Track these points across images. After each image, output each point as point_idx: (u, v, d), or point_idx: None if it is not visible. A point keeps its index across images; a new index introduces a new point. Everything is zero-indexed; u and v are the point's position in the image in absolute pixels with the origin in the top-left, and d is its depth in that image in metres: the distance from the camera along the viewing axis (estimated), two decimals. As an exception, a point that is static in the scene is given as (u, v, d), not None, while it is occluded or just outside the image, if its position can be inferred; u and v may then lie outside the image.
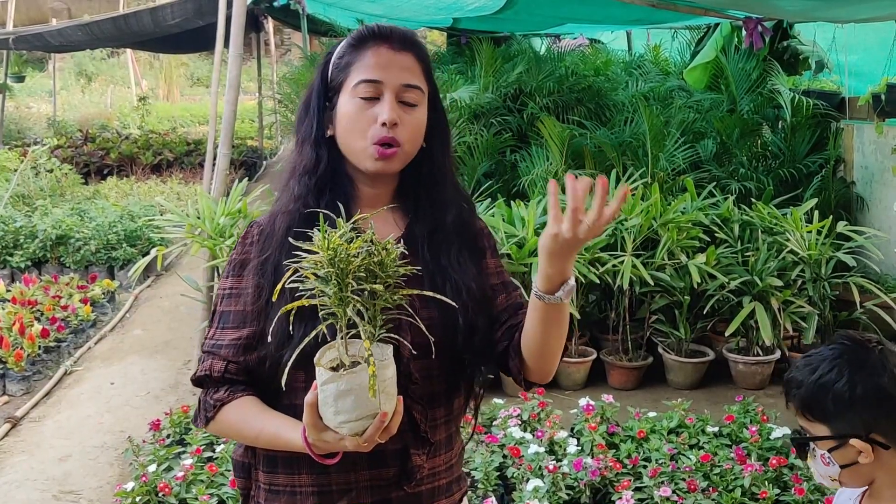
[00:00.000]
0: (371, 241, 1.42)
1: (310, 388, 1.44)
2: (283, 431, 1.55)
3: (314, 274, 1.40)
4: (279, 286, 1.44)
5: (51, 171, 10.59)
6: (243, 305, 1.63)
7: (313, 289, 1.40)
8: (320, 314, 1.41)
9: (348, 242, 1.40)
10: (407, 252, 1.52)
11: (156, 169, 12.61)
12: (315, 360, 1.43)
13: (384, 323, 1.43)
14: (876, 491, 1.67)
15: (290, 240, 1.51)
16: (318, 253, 1.40)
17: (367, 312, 1.40)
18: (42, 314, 6.37)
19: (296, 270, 1.42)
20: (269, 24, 14.47)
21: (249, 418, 1.60)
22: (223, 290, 1.67)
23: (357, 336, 1.41)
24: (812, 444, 1.66)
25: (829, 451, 1.63)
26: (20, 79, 15.16)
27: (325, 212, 1.48)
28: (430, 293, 1.50)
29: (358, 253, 1.39)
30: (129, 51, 19.62)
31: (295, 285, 1.42)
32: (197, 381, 1.66)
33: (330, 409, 1.42)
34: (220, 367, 1.62)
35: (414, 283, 1.50)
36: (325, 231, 1.41)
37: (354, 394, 1.39)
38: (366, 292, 1.40)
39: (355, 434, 1.43)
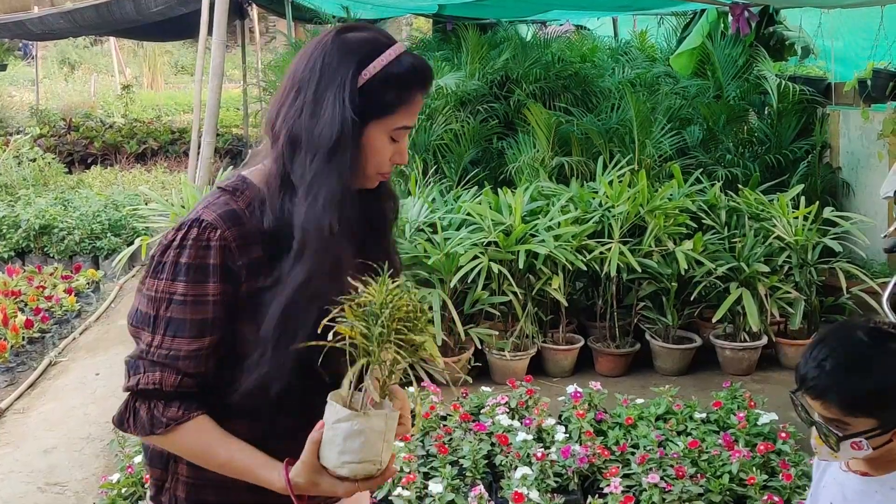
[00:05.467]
0: (415, 298, 1.50)
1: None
2: (256, 468, 1.55)
3: (362, 313, 1.45)
4: (324, 321, 1.45)
5: (34, 160, 10.51)
6: (206, 313, 1.54)
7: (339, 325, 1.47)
8: (351, 352, 1.45)
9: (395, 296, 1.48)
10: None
11: (140, 158, 12.55)
12: (329, 398, 1.48)
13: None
14: (884, 458, 1.70)
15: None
16: (364, 296, 1.46)
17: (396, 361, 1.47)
18: (26, 305, 6.32)
19: (350, 307, 1.45)
20: (254, 12, 14.33)
21: (213, 445, 1.56)
22: (170, 294, 1.54)
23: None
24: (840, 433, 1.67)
25: (869, 438, 1.64)
26: (2, 67, 15.02)
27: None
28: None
29: (402, 307, 1.46)
30: (112, 39, 19.44)
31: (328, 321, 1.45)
32: (140, 392, 1.55)
33: (335, 449, 1.46)
34: (173, 381, 1.54)
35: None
36: (385, 282, 1.47)
37: (365, 436, 1.45)
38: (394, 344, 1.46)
39: (354, 476, 1.47)
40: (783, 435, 3.79)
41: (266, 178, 1.60)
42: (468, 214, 5.27)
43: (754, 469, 3.51)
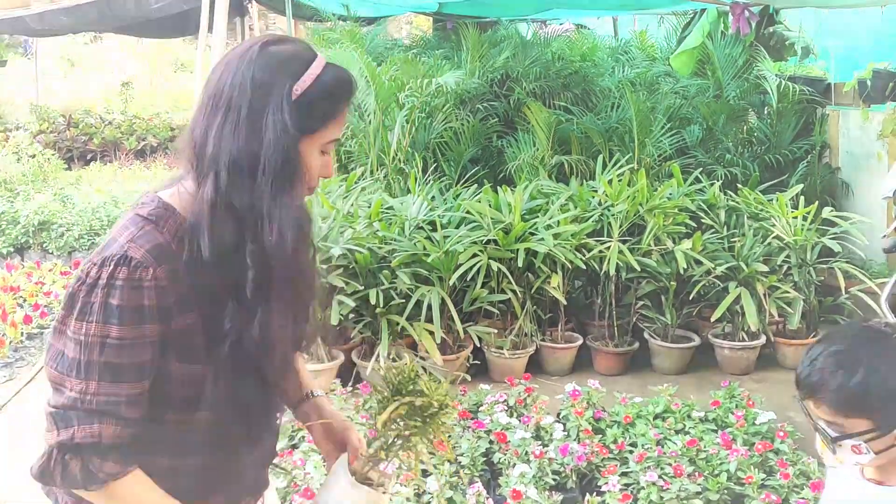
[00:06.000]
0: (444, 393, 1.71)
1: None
2: None
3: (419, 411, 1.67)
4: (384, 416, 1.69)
5: (33, 156, 10.51)
6: (144, 355, 1.46)
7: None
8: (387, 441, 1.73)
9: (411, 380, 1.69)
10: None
11: (139, 154, 12.55)
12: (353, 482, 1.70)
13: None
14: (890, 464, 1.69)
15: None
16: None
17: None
18: (24, 300, 6.32)
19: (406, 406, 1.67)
20: (254, 9, 14.33)
21: (151, 501, 1.52)
22: (102, 337, 1.43)
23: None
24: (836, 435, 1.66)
25: (867, 441, 1.63)
26: (1, 63, 15.00)
27: None
28: None
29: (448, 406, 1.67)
30: (112, 35, 19.41)
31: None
32: (75, 446, 1.43)
33: None
34: (112, 433, 1.44)
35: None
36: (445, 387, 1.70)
37: None
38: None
39: None
40: (781, 434, 3.79)
41: (196, 206, 1.49)
42: (468, 212, 5.27)
43: (752, 468, 3.51)
